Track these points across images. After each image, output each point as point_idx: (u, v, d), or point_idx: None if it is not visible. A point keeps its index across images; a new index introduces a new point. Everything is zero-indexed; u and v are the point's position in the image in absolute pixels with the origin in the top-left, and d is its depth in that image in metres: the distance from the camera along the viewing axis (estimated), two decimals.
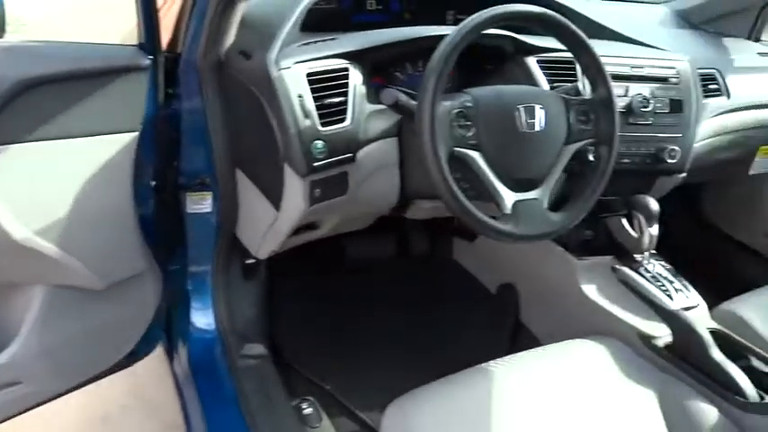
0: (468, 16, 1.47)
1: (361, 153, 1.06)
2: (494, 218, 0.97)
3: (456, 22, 1.50)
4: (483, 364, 1.06)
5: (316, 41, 1.11)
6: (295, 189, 1.02)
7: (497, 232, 0.94)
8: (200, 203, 1.28)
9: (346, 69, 1.06)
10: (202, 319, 1.36)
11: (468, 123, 0.95)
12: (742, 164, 1.63)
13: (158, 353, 1.47)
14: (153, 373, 1.43)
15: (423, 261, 1.86)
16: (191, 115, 1.17)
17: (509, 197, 0.97)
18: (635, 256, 1.32)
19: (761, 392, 1.03)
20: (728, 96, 1.44)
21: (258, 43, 1.07)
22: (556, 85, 1.21)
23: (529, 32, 1.23)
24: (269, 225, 1.14)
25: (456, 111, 0.94)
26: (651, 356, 1.15)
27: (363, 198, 1.12)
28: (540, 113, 0.99)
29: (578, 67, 1.20)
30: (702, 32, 1.76)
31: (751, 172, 1.65)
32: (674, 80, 1.30)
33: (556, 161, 1.01)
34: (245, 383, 1.26)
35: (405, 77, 1.23)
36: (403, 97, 0.99)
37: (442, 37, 0.96)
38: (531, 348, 1.23)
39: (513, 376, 1.03)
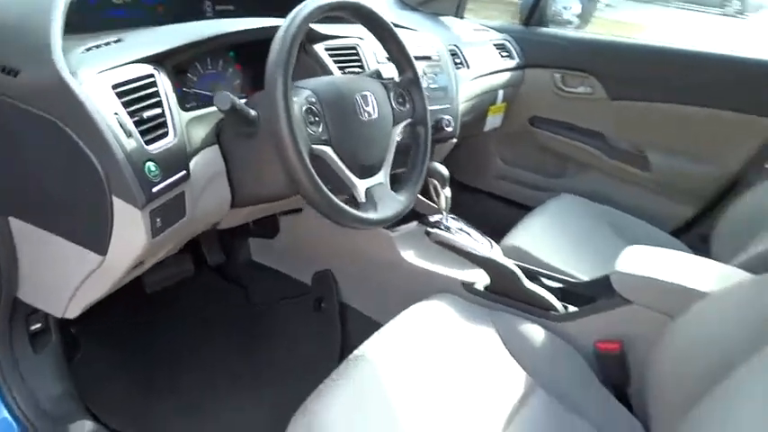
0: (227, 6, 1.41)
1: (191, 168, 0.95)
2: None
3: (217, 14, 1.42)
4: (350, 358, 1.06)
5: (100, 45, 0.93)
6: (133, 224, 0.86)
7: (363, 222, 0.96)
8: None
9: (152, 76, 0.93)
10: None
11: (317, 119, 0.93)
12: (478, 123, 1.94)
13: None
14: None
15: (221, 271, 1.75)
16: None
17: (361, 185, 0.99)
18: (435, 217, 1.47)
19: (564, 304, 1.28)
20: (468, 67, 1.69)
21: (24, 54, 0.85)
22: (347, 71, 1.26)
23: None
24: (85, 275, 0.93)
25: (305, 107, 0.91)
26: (477, 300, 1.31)
27: (200, 216, 1.00)
28: (372, 100, 1.02)
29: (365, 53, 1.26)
30: (422, 13, 2.00)
31: (485, 129, 1.97)
32: (435, 57, 1.47)
33: (389, 144, 1.06)
34: None
35: (196, 79, 1.13)
36: (238, 101, 0.91)
37: (248, 32, 0.91)
38: (363, 326, 1.29)
39: (380, 358, 1.05)
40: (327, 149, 0.94)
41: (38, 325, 1.13)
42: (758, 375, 0.85)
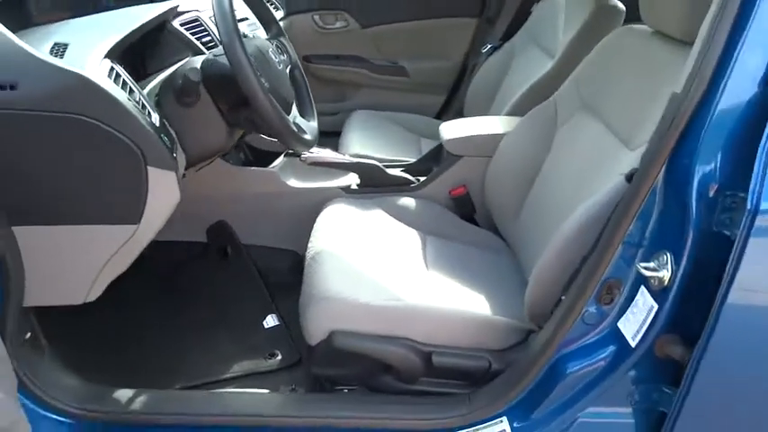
0: None
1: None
2: None
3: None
4: (309, 258, 1.35)
5: (59, 43, 1.00)
6: (167, 187, 1.00)
7: (309, 144, 1.25)
8: None
9: (114, 68, 1.04)
10: None
11: (259, 73, 1.16)
12: None
13: None
14: None
15: None
16: None
17: (291, 119, 1.27)
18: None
19: (416, 177, 1.73)
20: None
21: (14, 67, 0.90)
22: (203, 41, 1.45)
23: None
24: (115, 250, 1.03)
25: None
26: (358, 196, 1.67)
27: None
28: (276, 53, 1.28)
29: None
30: None
31: None
32: (249, 17, 1.72)
33: (290, 85, 1.34)
34: None
35: None
36: None
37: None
38: (272, 255, 1.58)
39: (329, 249, 1.35)
40: (271, 97, 1.19)
41: (29, 334, 1.13)
42: (553, 169, 1.44)
